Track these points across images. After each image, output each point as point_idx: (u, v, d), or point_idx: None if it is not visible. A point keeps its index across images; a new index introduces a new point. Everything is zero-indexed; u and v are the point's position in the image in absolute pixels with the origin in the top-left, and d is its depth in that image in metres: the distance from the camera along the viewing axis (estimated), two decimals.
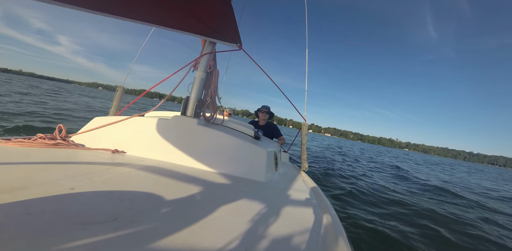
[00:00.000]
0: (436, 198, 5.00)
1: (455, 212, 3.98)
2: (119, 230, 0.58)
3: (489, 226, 3.51)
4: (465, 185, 8.61)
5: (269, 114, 3.34)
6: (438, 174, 11.89)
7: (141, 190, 0.86)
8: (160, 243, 0.56)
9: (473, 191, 7.25)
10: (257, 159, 1.38)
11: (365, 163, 10.85)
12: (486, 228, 3.39)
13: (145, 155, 1.38)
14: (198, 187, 1.00)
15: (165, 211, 0.73)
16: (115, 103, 2.40)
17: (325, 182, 4.87)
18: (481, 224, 3.54)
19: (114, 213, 0.66)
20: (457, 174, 15.18)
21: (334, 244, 0.71)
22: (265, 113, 3.29)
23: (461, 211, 4.14)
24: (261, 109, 3.31)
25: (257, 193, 1.08)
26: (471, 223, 3.46)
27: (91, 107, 12.22)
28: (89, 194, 0.75)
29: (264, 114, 3.30)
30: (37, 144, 1.25)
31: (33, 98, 10.97)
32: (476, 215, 4.06)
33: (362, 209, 3.45)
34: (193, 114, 1.64)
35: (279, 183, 1.37)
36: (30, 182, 0.77)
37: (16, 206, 0.61)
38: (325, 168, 6.50)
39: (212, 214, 0.76)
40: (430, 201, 4.60)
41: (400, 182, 6.66)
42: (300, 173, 1.98)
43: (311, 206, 1.05)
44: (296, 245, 0.67)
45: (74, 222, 0.58)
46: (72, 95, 21.31)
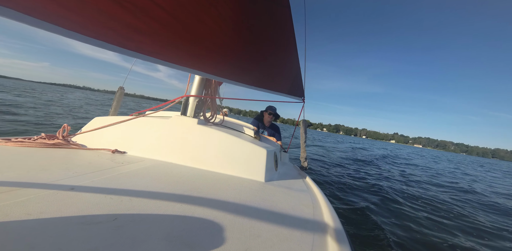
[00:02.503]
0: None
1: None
2: (119, 230, 0.58)
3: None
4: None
5: (275, 117, 3.28)
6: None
7: (141, 190, 0.86)
8: (160, 243, 0.56)
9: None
10: (257, 158, 1.38)
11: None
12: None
13: (145, 155, 1.38)
14: (198, 187, 1.00)
15: (165, 211, 0.73)
16: (115, 104, 2.41)
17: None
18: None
19: (114, 213, 0.66)
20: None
21: (334, 244, 0.71)
22: (271, 115, 3.23)
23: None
24: (268, 111, 3.25)
25: (257, 193, 1.08)
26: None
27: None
28: (89, 194, 0.75)
29: (271, 117, 3.24)
30: (37, 144, 1.25)
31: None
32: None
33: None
34: (193, 114, 1.64)
35: (279, 183, 1.37)
36: (30, 182, 0.77)
37: (16, 206, 0.61)
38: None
39: (212, 214, 0.76)
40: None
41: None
42: (300, 172, 1.98)
43: (311, 206, 1.05)
44: (296, 245, 0.67)
45: (74, 222, 0.58)
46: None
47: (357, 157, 11.40)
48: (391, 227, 2.91)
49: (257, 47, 1.44)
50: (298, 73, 2.01)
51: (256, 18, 1.29)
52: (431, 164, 15.51)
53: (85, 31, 0.74)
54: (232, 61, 1.35)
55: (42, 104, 11.58)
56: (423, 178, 7.70)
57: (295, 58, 1.85)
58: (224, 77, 1.37)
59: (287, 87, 1.95)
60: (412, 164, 12.88)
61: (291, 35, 1.60)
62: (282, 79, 1.87)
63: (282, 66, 1.76)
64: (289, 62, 1.82)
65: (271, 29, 1.45)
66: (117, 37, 0.84)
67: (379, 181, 5.85)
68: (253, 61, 1.47)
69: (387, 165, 10.21)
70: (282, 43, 1.63)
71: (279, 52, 1.67)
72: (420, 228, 3.02)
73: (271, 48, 1.56)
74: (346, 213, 3.13)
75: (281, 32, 1.54)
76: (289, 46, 1.70)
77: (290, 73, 1.91)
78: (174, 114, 1.69)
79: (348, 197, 3.94)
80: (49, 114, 8.36)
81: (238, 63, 1.38)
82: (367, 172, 7.14)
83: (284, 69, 1.81)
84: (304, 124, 2.48)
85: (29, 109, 8.79)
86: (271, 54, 1.58)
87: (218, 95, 1.80)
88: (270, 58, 1.61)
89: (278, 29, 1.50)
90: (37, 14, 0.58)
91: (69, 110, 11.36)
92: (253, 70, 1.51)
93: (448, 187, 6.51)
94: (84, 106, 15.21)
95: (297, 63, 1.92)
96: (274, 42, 1.55)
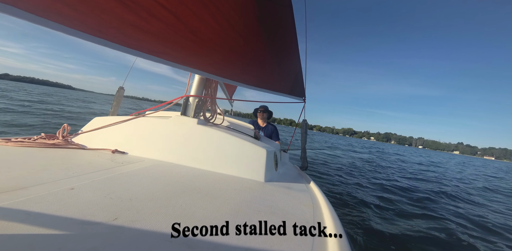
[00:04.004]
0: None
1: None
2: (119, 230, 0.58)
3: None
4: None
5: (267, 113, 3.35)
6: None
7: (141, 190, 0.86)
8: (160, 243, 0.56)
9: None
10: (257, 158, 1.38)
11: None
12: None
13: (145, 155, 1.38)
14: (198, 187, 1.00)
15: (165, 211, 0.73)
16: (115, 104, 2.42)
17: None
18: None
19: (114, 213, 0.66)
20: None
21: (334, 244, 0.71)
22: (262, 112, 3.30)
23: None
24: (259, 109, 3.32)
25: (257, 193, 1.08)
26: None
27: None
28: (89, 194, 0.75)
29: (262, 114, 3.31)
30: (37, 144, 1.25)
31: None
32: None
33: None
34: (193, 114, 1.64)
35: (279, 183, 1.37)
36: (30, 182, 0.77)
37: (16, 206, 0.61)
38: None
39: (212, 214, 0.76)
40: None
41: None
42: (300, 172, 1.98)
43: (311, 206, 1.05)
44: (296, 245, 0.67)
45: (74, 222, 0.58)
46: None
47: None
48: (391, 226, 2.91)
49: (259, 47, 1.44)
50: (299, 73, 2.01)
51: (258, 18, 1.29)
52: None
53: (89, 30, 0.74)
54: (234, 61, 1.35)
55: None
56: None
57: (297, 58, 1.86)
58: (226, 77, 1.38)
59: (289, 87, 1.95)
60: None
61: (292, 35, 1.61)
62: (283, 80, 1.87)
63: (283, 66, 1.77)
64: (290, 62, 1.83)
65: (273, 29, 1.46)
66: (121, 36, 0.84)
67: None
68: (255, 61, 1.47)
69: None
70: (284, 43, 1.63)
71: (281, 52, 1.67)
72: (421, 228, 3.02)
73: (273, 48, 1.57)
74: (346, 213, 3.13)
75: (283, 32, 1.55)
76: (290, 46, 1.70)
77: (291, 74, 1.92)
78: (174, 114, 1.69)
79: (348, 196, 3.94)
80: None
81: (239, 63, 1.38)
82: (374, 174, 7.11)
83: (285, 69, 1.82)
84: (304, 125, 2.48)
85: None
86: (272, 54, 1.58)
87: (230, 102, 1.84)
88: (272, 58, 1.61)
89: (280, 29, 1.51)
90: (42, 13, 0.58)
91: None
92: (254, 70, 1.52)
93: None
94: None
95: (298, 63, 1.93)
96: (276, 42, 1.56)
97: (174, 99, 1.76)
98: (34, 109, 9.35)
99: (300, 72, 2.03)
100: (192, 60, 1.21)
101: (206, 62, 1.27)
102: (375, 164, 9.92)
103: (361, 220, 2.95)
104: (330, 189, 4.24)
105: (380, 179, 6.24)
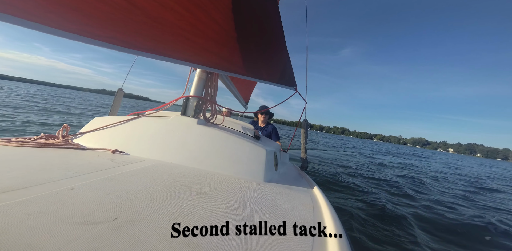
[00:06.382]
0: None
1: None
2: (119, 230, 0.58)
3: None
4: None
5: (268, 115, 3.41)
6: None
7: (141, 190, 0.86)
8: (160, 243, 0.56)
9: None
10: (257, 158, 1.37)
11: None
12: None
13: (145, 155, 1.38)
14: (198, 187, 1.00)
15: (165, 211, 0.73)
16: (114, 104, 2.43)
17: None
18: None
19: (114, 213, 0.66)
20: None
21: (334, 244, 0.71)
22: (264, 115, 3.34)
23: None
24: (260, 111, 3.36)
25: (257, 193, 1.08)
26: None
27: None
28: (89, 194, 0.75)
29: (264, 116, 3.34)
30: (37, 144, 1.25)
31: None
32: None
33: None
34: (193, 114, 1.64)
35: (279, 183, 1.37)
36: (30, 182, 0.77)
37: (16, 206, 0.61)
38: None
39: (212, 214, 0.76)
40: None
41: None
42: (300, 172, 1.98)
43: (311, 206, 1.05)
44: (296, 245, 0.67)
45: (74, 222, 0.58)
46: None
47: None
48: (391, 227, 2.91)
49: (244, 37, 1.45)
50: (287, 63, 1.99)
51: (243, 13, 1.34)
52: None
53: (26, 15, 0.74)
54: (210, 48, 1.36)
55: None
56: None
57: (284, 49, 1.86)
58: (201, 64, 1.40)
59: (277, 77, 1.92)
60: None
61: (278, 26, 1.64)
62: (270, 69, 1.85)
63: (271, 56, 1.76)
64: (277, 52, 1.81)
65: (258, 21, 1.49)
66: (60, 20, 0.84)
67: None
68: (236, 49, 1.47)
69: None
70: (268, 33, 1.65)
71: (266, 44, 1.68)
72: (420, 228, 3.02)
73: (258, 38, 1.59)
74: (346, 213, 3.13)
75: (265, 22, 1.58)
76: (276, 37, 1.71)
77: (279, 63, 1.89)
78: (174, 114, 1.69)
79: (348, 197, 3.94)
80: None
81: (216, 50, 1.39)
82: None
83: (273, 59, 1.79)
84: (305, 125, 2.47)
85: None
86: (256, 43, 1.60)
87: (243, 103, 1.84)
88: (257, 49, 1.62)
89: (265, 21, 1.55)
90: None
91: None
92: (237, 58, 1.51)
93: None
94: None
95: (286, 53, 1.92)
96: (260, 31, 1.59)
97: (174, 99, 1.76)
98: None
99: (288, 62, 2.00)
100: (180, 52, 1.23)
101: (194, 53, 1.28)
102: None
103: (361, 220, 2.95)
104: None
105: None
